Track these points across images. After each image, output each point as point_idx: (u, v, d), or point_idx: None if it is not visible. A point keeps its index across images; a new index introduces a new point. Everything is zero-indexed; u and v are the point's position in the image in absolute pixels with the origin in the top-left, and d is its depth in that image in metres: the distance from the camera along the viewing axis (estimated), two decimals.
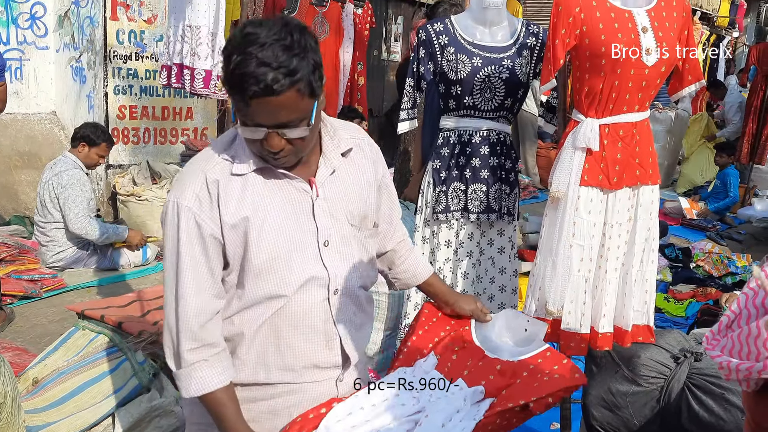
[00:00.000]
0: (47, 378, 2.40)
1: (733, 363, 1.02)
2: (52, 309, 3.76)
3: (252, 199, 1.39)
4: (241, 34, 1.29)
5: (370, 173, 1.54)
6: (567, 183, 2.12)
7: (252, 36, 1.27)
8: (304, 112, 1.32)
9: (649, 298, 2.31)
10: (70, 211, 4.11)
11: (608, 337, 2.27)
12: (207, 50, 2.79)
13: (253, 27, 1.29)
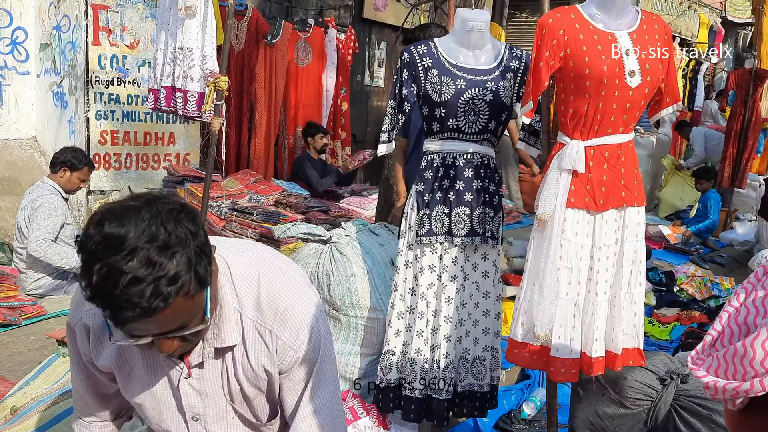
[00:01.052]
0: (26, 406, 2.34)
1: (720, 383, 1.02)
2: (31, 336, 3.68)
3: (119, 353, 1.34)
4: (100, 236, 1.04)
5: (265, 362, 1.35)
6: (553, 205, 2.13)
7: (116, 239, 1.03)
8: (195, 310, 1.14)
9: (638, 321, 2.31)
10: (32, 233, 4.04)
11: (601, 362, 2.25)
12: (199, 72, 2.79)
13: (115, 225, 1.04)
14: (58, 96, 5.68)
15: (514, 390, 4.20)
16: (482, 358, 2.84)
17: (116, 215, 1.06)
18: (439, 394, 2.81)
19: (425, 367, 2.84)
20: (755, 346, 0.97)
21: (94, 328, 1.32)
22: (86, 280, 1.04)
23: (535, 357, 2.21)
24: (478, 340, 2.83)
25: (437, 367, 2.80)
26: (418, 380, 2.83)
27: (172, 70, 2.84)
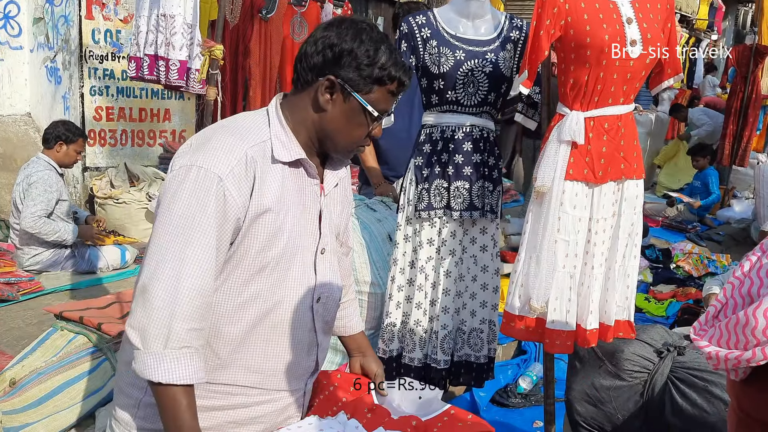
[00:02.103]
0: (25, 379, 2.34)
1: (722, 353, 1.02)
2: (29, 312, 3.68)
3: (278, 192, 1.31)
4: (370, 28, 1.36)
5: (349, 192, 1.61)
6: (552, 177, 2.12)
7: (378, 32, 1.37)
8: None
9: (630, 294, 2.32)
10: (27, 209, 4.02)
11: (594, 334, 2.26)
12: (182, 40, 2.73)
13: (366, 23, 1.37)
14: (51, 71, 5.62)
15: (511, 365, 4.23)
16: (479, 330, 2.86)
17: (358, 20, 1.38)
18: (437, 364, 2.83)
19: (424, 338, 2.85)
20: (757, 315, 0.97)
21: (261, 161, 1.29)
22: (372, 58, 1.32)
23: (531, 329, 2.21)
24: (476, 313, 2.84)
25: (435, 337, 2.81)
26: (418, 350, 2.85)
27: (155, 38, 2.76)
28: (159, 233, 1.26)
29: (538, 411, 3.69)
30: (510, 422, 3.71)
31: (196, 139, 1.34)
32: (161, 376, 1.22)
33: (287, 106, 1.41)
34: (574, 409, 2.56)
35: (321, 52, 1.34)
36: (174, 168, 1.29)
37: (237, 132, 1.31)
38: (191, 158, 1.26)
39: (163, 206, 1.26)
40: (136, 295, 1.27)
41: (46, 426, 2.23)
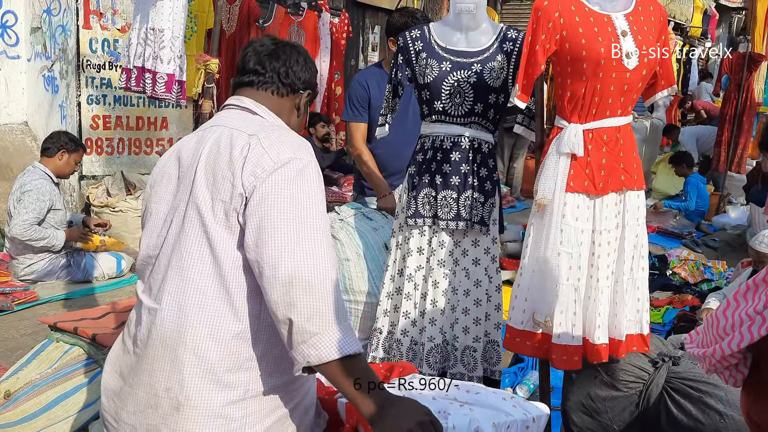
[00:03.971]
0: (20, 391, 2.33)
1: (698, 351, 1.11)
2: (24, 322, 3.67)
3: None
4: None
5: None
6: (553, 190, 2.12)
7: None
8: None
9: (642, 306, 2.27)
10: (18, 216, 4.02)
11: (604, 349, 2.21)
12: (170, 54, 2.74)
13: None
14: (49, 80, 5.63)
15: (508, 373, 4.23)
16: (472, 348, 2.81)
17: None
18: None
19: (413, 349, 2.84)
20: (726, 314, 1.04)
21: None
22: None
23: (537, 345, 2.18)
24: (468, 330, 2.80)
25: (422, 350, 2.80)
26: (404, 360, 2.84)
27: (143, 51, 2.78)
28: (291, 224, 1.30)
29: None
30: None
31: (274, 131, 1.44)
32: (348, 348, 1.27)
33: (271, 108, 1.58)
34: (570, 420, 2.56)
35: (308, 70, 1.63)
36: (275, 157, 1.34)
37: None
38: (298, 152, 1.37)
39: (285, 198, 1.31)
40: (285, 290, 1.27)
41: None
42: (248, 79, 1.57)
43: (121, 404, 1.40)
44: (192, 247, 1.37)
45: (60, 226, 4.28)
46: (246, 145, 1.36)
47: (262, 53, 1.58)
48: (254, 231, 1.31)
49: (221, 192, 1.35)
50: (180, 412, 1.32)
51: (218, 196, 1.35)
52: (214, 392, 1.33)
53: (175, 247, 1.40)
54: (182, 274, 1.37)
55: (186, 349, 1.34)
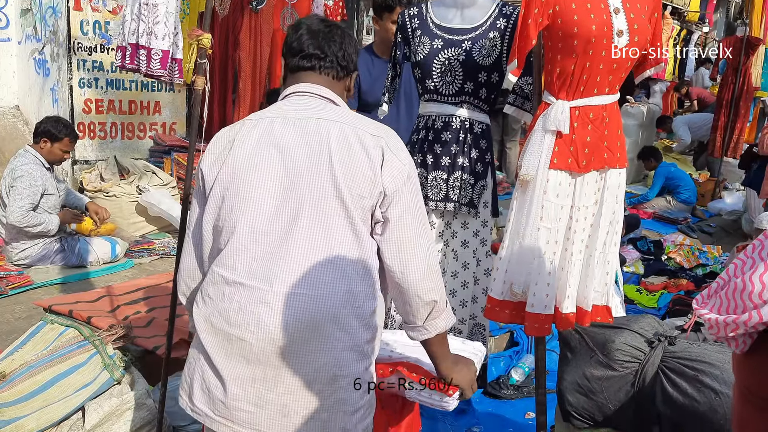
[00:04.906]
0: (15, 372, 2.33)
1: (720, 318, 1.05)
2: (18, 306, 3.66)
3: None
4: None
5: None
6: (536, 166, 2.12)
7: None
8: None
9: (609, 279, 2.36)
10: (13, 203, 3.99)
11: (571, 317, 2.30)
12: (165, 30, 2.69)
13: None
14: (40, 63, 5.57)
15: (503, 356, 4.24)
16: (458, 330, 2.82)
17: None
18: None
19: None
20: (753, 279, 1.00)
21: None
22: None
23: (514, 313, 2.25)
24: (455, 311, 2.81)
25: None
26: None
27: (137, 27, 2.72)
28: (418, 218, 1.59)
29: (530, 402, 3.70)
30: (502, 413, 3.73)
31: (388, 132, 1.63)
32: (453, 319, 1.67)
33: (336, 93, 1.68)
34: (565, 400, 2.56)
35: (355, 52, 1.70)
36: (402, 160, 1.57)
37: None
38: (408, 156, 1.61)
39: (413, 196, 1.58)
40: (425, 275, 1.56)
41: (36, 419, 2.22)
42: (309, 64, 1.65)
43: (267, 388, 1.49)
44: (335, 233, 1.51)
45: (53, 211, 4.25)
46: (378, 148, 1.55)
47: (320, 36, 1.64)
48: (394, 226, 1.53)
49: (361, 188, 1.51)
50: (336, 383, 1.51)
51: (356, 191, 1.51)
52: (358, 362, 1.54)
53: (294, 232, 1.50)
54: (319, 257, 1.50)
55: (337, 327, 1.49)
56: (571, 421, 2.58)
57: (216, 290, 1.55)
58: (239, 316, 1.51)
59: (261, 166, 1.55)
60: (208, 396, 1.54)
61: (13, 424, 2.19)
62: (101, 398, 2.30)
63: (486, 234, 2.75)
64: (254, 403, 1.51)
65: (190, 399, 1.58)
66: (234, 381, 1.51)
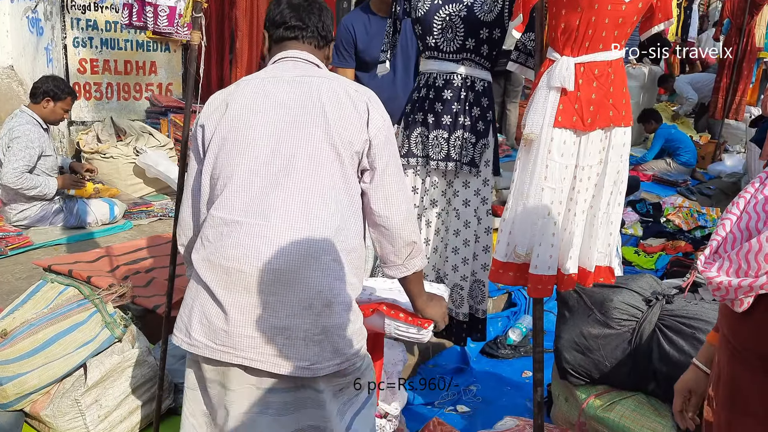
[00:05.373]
0: (16, 330, 2.34)
1: (734, 281, 1.02)
2: (18, 266, 3.67)
3: None
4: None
5: None
6: (540, 125, 2.09)
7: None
8: None
9: (613, 240, 2.33)
10: (9, 164, 3.96)
11: (573, 279, 2.28)
12: None
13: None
14: (33, 22, 5.47)
15: (501, 317, 4.28)
16: (459, 286, 2.84)
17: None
18: None
19: None
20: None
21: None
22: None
23: (518, 275, 2.23)
24: (457, 268, 2.82)
25: None
26: None
27: None
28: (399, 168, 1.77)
29: (527, 361, 3.75)
30: (499, 372, 3.78)
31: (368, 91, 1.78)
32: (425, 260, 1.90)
33: (321, 61, 1.84)
34: (562, 357, 2.59)
35: (331, 23, 1.86)
36: (383, 116, 1.74)
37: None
38: (386, 113, 1.76)
39: (394, 149, 1.76)
40: (406, 218, 1.76)
41: (38, 376, 2.24)
42: (293, 34, 1.81)
43: (268, 313, 1.60)
44: (327, 175, 1.65)
45: (51, 173, 4.23)
46: (363, 102, 1.71)
47: (300, 9, 1.81)
48: (381, 175, 1.71)
49: (350, 135, 1.66)
50: (331, 308, 1.64)
51: (346, 137, 1.66)
52: (347, 290, 1.68)
53: (289, 173, 1.63)
54: (312, 195, 1.63)
55: (330, 258, 1.63)
56: (568, 379, 2.61)
57: (214, 232, 1.64)
58: (238, 251, 1.60)
59: (257, 117, 1.67)
60: (208, 328, 1.62)
61: (16, 381, 2.22)
62: (102, 355, 2.32)
63: (487, 193, 2.75)
64: (257, 328, 1.60)
65: (187, 334, 1.65)
66: (236, 309, 1.60)
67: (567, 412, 2.70)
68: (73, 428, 2.23)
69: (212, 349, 1.62)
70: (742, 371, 1.12)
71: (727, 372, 1.17)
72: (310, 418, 1.71)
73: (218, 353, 1.61)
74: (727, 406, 1.17)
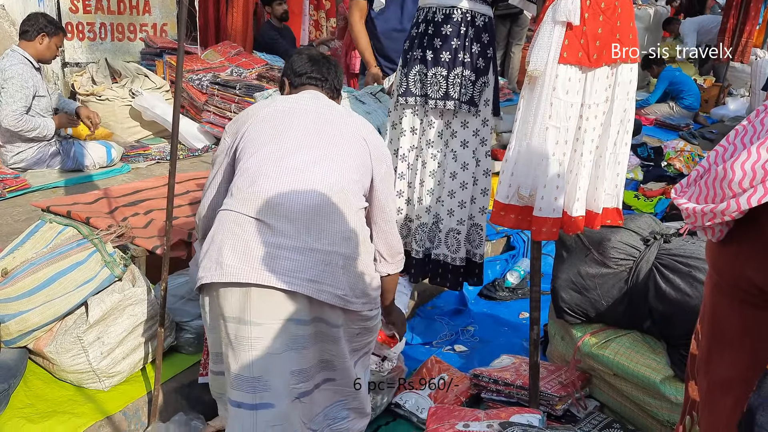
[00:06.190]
0: (17, 269, 2.34)
1: (698, 207, 1.04)
2: (17, 209, 3.66)
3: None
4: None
5: None
6: (545, 61, 2.03)
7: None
8: None
9: (620, 181, 2.30)
10: (7, 107, 3.91)
11: (580, 221, 2.25)
12: None
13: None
14: None
15: (499, 260, 4.31)
16: (456, 231, 2.81)
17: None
18: (417, 254, 2.85)
19: (408, 226, 2.86)
20: (735, 167, 0.97)
21: None
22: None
23: (520, 217, 2.20)
24: (453, 212, 2.79)
25: (410, 226, 2.82)
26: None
27: None
28: (392, 189, 2.11)
29: (525, 303, 3.79)
30: (497, 314, 3.83)
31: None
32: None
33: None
34: (559, 297, 2.62)
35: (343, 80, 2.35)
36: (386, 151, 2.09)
37: None
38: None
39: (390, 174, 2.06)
40: (394, 228, 2.08)
41: (40, 314, 2.27)
42: (314, 83, 2.10)
43: (312, 238, 1.74)
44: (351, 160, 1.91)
45: (46, 114, 4.17)
46: (372, 132, 2.02)
47: (321, 64, 2.12)
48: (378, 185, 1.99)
49: (359, 147, 1.94)
50: (365, 245, 1.87)
51: (361, 149, 1.94)
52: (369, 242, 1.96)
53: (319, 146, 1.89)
54: (339, 161, 1.88)
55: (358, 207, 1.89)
56: (564, 318, 2.64)
57: (246, 180, 1.80)
58: (276, 189, 1.76)
59: (285, 118, 1.92)
60: (242, 253, 1.70)
61: (18, 318, 2.24)
62: (103, 294, 2.33)
63: (486, 134, 2.70)
64: (297, 252, 1.71)
65: (218, 265, 1.72)
66: (276, 233, 1.71)
67: (562, 350, 2.74)
68: (77, 364, 2.26)
69: (244, 272, 1.68)
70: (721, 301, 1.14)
71: (709, 303, 1.19)
72: (326, 352, 1.84)
73: (253, 275, 1.67)
74: (709, 336, 1.19)
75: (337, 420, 1.97)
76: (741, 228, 1.05)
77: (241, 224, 1.74)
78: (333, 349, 1.84)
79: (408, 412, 2.57)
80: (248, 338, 1.71)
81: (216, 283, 1.73)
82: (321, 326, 1.79)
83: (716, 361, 1.15)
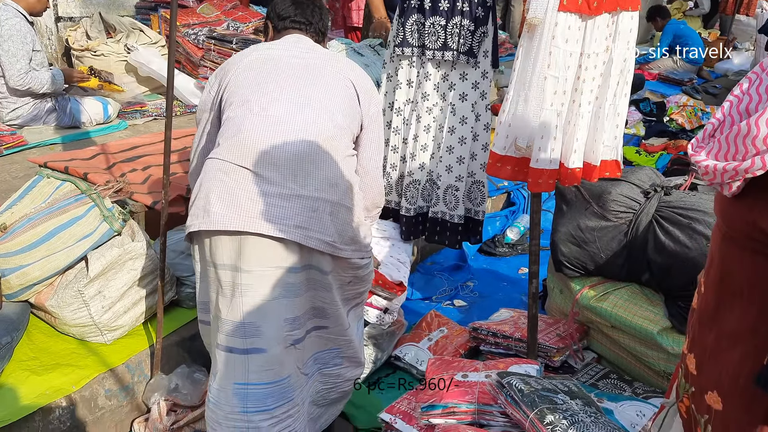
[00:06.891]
0: (16, 224, 2.34)
1: (719, 164, 1.00)
2: (14, 165, 3.64)
3: None
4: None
5: None
6: (545, 8, 1.98)
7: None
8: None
9: (619, 133, 2.27)
10: (12, 67, 3.86)
11: (577, 173, 2.23)
12: None
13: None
14: None
15: (499, 216, 4.31)
16: (455, 187, 2.77)
17: None
18: (407, 212, 2.83)
19: (399, 182, 2.83)
20: (759, 123, 0.94)
21: None
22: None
23: (516, 169, 2.18)
24: (452, 169, 2.75)
25: (405, 182, 2.79)
26: (393, 193, 2.83)
27: None
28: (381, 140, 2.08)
29: (524, 259, 3.81)
30: (496, 269, 3.85)
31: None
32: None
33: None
34: (558, 250, 2.62)
35: (329, 23, 2.13)
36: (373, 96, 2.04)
37: None
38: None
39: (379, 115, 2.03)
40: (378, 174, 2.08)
41: (40, 268, 2.27)
42: (298, 27, 2.08)
43: (298, 185, 1.75)
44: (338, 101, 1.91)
45: (40, 69, 4.11)
46: (362, 73, 2.01)
47: (305, 7, 2.07)
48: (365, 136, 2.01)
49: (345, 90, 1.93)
50: (352, 192, 1.85)
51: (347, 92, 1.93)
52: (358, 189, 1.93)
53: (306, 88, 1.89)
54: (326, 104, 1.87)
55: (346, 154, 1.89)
56: (563, 271, 2.64)
57: (232, 128, 1.79)
58: (262, 136, 1.75)
59: (269, 64, 1.90)
60: (229, 200, 1.71)
61: (19, 272, 2.25)
62: (103, 248, 2.33)
63: (486, 86, 2.65)
64: (284, 199, 1.70)
65: (206, 214, 1.72)
66: (263, 181, 1.71)
67: (561, 303, 2.76)
68: (78, 318, 2.28)
69: (232, 220, 1.68)
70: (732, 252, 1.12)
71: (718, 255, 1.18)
72: (319, 300, 1.84)
73: (240, 222, 1.68)
74: (715, 288, 1.18)
75: (328, 365, 2.01)
76: (757, 182, 1.02)
77: (228, 172, 1.74)
78: (325, 296, 1.85)
79: (408, 365, 2.60)
80: (240, 285, 1.72)
81: (205, 231, 1.74)
82: (313, 273, 1.80)
83: (724, 312, 1.15)
